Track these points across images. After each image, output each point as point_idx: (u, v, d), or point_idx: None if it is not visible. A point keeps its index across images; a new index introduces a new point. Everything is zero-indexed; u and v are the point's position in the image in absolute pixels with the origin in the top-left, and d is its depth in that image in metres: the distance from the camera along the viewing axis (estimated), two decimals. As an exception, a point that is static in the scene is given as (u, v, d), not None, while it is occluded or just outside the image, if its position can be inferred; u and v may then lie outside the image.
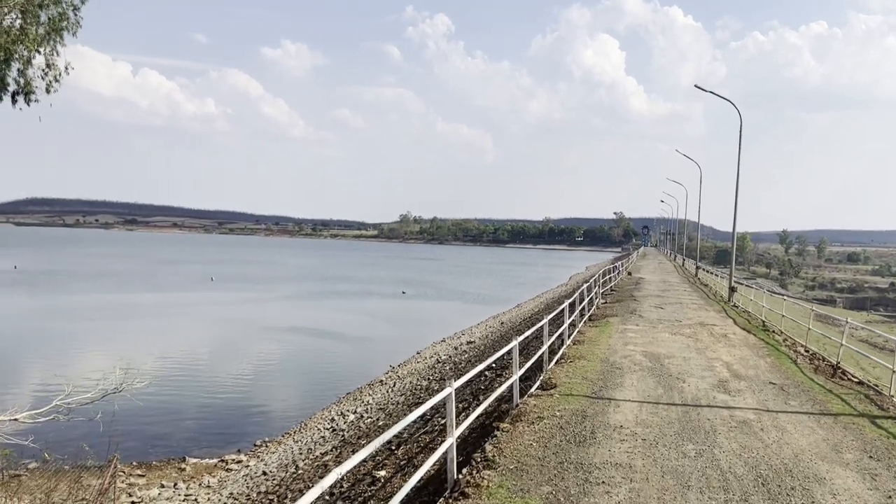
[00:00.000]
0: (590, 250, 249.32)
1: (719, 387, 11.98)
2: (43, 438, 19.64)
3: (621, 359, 14.28)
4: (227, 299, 57.12)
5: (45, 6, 13.79)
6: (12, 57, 13.93)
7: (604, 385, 11.72)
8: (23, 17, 13.83)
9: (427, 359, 30.68)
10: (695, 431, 9.18)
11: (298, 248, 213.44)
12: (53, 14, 14.12)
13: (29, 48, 13.66)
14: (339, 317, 48.88)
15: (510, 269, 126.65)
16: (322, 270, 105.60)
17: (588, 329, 18.42)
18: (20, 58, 13.72)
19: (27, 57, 14.03)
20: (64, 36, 14.71)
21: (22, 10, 13.78)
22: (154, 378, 28.17)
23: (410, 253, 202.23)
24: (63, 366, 30.07)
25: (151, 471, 17.33)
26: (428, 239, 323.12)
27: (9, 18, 13.58)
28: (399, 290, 72.96)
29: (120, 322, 43.50)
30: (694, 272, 52.59)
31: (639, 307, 24.27)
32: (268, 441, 20.39)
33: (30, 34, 13.31)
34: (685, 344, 16.61)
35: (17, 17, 13.77)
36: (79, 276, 77.46)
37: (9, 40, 13.35)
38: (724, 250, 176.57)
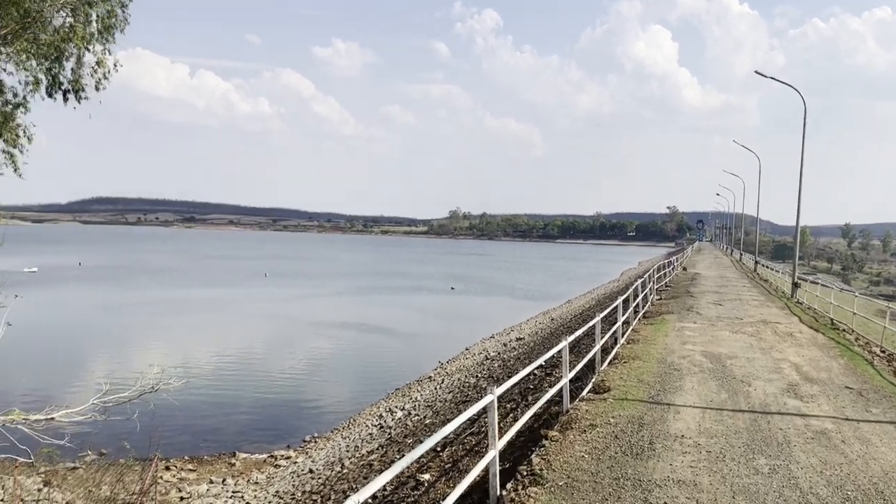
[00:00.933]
0: (642, 245, 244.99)
1: (789, 391, 11.08)
2: (99, 433, 20.09)
3: (679, 359, 13.38)
4: (280, 295, 57.85)
5: (95, 4, 13.87)
6: (63, 55, 14.07)
7: (661, 389, 10.94)
8: (73, 16, 13.96)
9: (476, 355, 30.34)
10: (766, 443, 8.30)
11: (350, 245, 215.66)
12: (102, 12, 14.21)
13: (79, 46, 13.78)
14: (389, 312, 48.95)
15: (560, 265, 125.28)
16: (372, 266, 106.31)
17: (643, 327, 17.53)
18: (70, 56, 13.85)
19: (77, 55, 14.16)
20: (114, 34, 14.82)
21: (72, 9, 13.91)
22: (207, 373, 28.68)
23: (460, 249, 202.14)
24: (117, 361, 30.79)
25: (202, 465, 17.46)
26: (477, 235, 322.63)
27: (59, 17, 13.71)
28: (448, 285, 72.78)
29: (175, 317, 44.40)
30: (752, 267, 50.85)
31: (696, 304, 23.19)
32: (317, 437, 20.37)
33: (79, 32, 13.40)
34: (748, 343, 15.64)
35: (67, 15, 13.90)
36: (138, 272, 79.67)
37: (59, 38, 13.48)
38: (783, 245, 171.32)
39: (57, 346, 33.80)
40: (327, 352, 34.24)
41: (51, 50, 13.84)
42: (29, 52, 13.45)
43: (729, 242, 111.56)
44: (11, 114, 13.82)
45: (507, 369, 18.75)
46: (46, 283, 62.19)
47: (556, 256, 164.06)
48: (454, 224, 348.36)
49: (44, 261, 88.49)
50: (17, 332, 36.47)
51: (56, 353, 32.15)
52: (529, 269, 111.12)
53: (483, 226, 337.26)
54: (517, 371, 18.39)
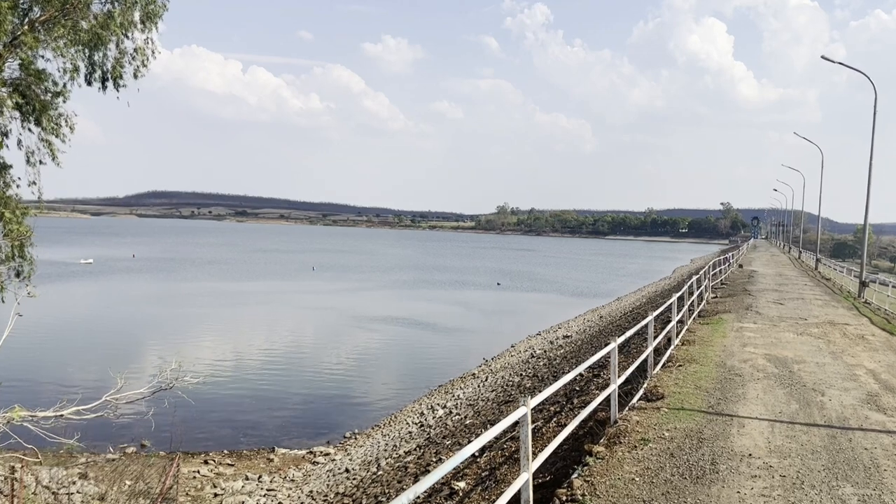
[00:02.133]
0: (695, 242, 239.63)
1: (870, 402, 9.86)
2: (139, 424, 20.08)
3: (740, 363, 12.25)
4: (327, 288, 58.00)
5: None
6: (102, 42, 13.85)
7: (722, 397, 9.83)
8: (113, 3, 13.75)
9: (521, 353, 29.63)
10: (851, 466, 7.17)
11: (398, 239, 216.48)
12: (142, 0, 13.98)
13: (117, 33, 13.56)
14: (434, 307, 48.50)
15: (610, 261, 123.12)
16: (419, 261, 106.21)
17: (698, 327, 16.46)
18: (109, 43, 13.64)
19: (116, 42, 13.96)
20: (156, 22, 14.60)
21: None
22: (250, 366, 28.63)
23: (507, 244, 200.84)
24: (161, 352, 30.99)
25: (241, 460, 17.22)
26: (525, 230, 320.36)
27: (99, 4, 13.51)
28: (494, 281, 72.02)
29: (221, 309, 44.81)
30: (813, 265, 48.74)
31: (755, 303, 21.86)
32: (357, 433, 19.98)
33: (117, 19, 13.19)
34: (815, 346, 14.44)
35: (107, 1, 13.69)
36: (189, 264, 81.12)
37: (98, 25, 13.28)
38: (843, 243, 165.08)
39: (100, 338, 34.29)
40: (371, 346, 33.95)
41: (90, 37, 13.67)
42: (68, 38, 13.31)
43: (786, 240, 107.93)
44: (52, 102, 13.71)
45: (553, 368, 17.99)
46: (100, 274, 63.70)
47: (606, 253, 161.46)
48: (502, 219, 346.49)
49: (100, 252, 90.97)
50: (62, 321, 37.33)
51: (100, 345, 32.59)
52: (578, 265, 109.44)
53: (531, 221, 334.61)
54: (563, 371, 17.62)
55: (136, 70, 13.86)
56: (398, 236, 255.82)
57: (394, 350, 33.61)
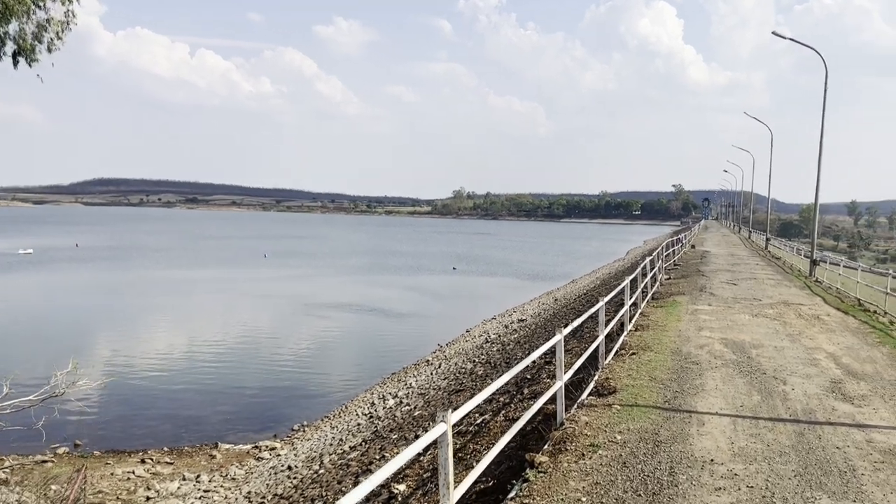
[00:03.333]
0: (648, 224, 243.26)
1: (834, 391, 9.29)
2: (71, 422, 18.96)
3: (697, 349, 11.64)
4: (279, 276, 56.70)
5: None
6: (12, 13, 12.67)
7: (679, 389, 9.13)
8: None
9: (476, 337, 29.18)
10: (824, 470, 6.43)
11: (353, 225, 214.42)
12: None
13: (27, 3, 12.40)
14: (390, 293, 47.75)
15: (565, 244, 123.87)
16: (374, 246, 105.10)
17: (652, 310, 15.91)
18: (19, 14, 12.47)
19: (27, 12, 12.78)
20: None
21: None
22: (196, 357, 27.47)
23: (463, 228, 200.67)
24: (96, 344, 29.66)
25: (182, 458, 16.32)
26: (481, 214, 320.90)
27: None
28: (450, 265, 71.55)
29: (165, 299, 43.31)
30: (763, 245, 49.46)
31: (708, 283, 21.60)
32: (306, 425, 19.23)
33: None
34: (772, 328, 13.95)
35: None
36: (136, 253, 78.54)
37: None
38: (789, 222, 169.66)
39: (31, 332, 32.65)
40: (324, 334, 33.09)
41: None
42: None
43: (736, 220, 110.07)
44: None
45: (506, 353, 17.51)
46: (39, 264, 61.08)
47: (561, 235, 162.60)
48: (458, 204, 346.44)
49: (41, 242, 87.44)
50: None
51: (30, 339, 31.00)
52: (533, 248, 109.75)
53: (487, 205, 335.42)
54: (516, 357, 17.16)
55: (49, 43, 12.72)
56: (353, 222, 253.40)
57: (347, 338, 32.82)
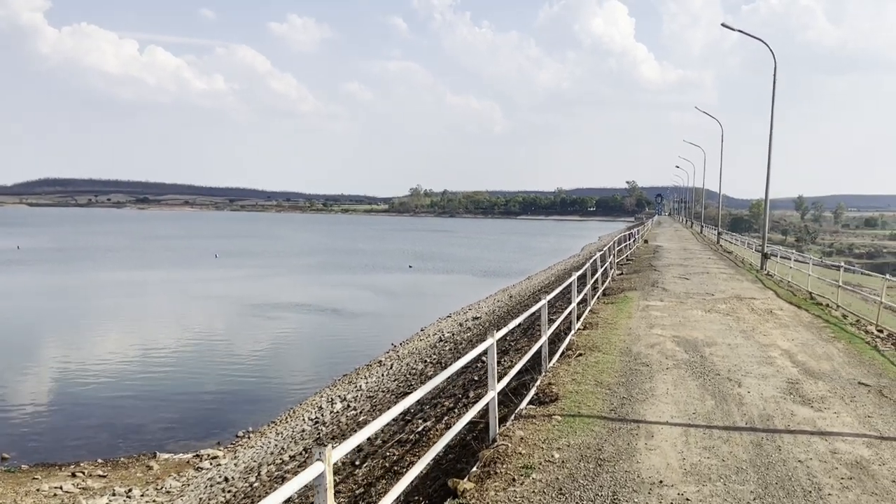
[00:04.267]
0: (603, 220, 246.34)
1: (792, 392, 8.75)
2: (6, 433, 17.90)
3: (647, 349, 11.09)
4: (229, 276, 55.33)
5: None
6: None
7: (627, 395, 8.46)
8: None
9: (430, 336, 28.72)
10: (786, 490, 5.72)
11: (308, 224, 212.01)
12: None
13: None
14: (343, 292, 46.95)
15: (522, 241, 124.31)
16: (329, 245, 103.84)
17: (602, 307, 15.39)
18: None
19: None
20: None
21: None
22: (136, 362, 26.25)
23: (420, 226, 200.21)
24: (34, 353, 28.34)
25: (116, 469, 15.44)
26: (439, 212, 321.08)
27: None
28: (406, 263, 70.96)
29: (109, 302, 41.79)
30: (715, 239, 50.13)
31: (661, 278, 21.48)
32: (251, 431, 18.48)
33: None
34: (725, 324, 13.58)
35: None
36: (80, 254, 75.94)
37: None
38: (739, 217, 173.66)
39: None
40: (274, 335, 32.20)
41: None
42: None
43: (688, 216, 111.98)
44: None
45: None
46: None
47: (518, 232, 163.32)
48: (415, 202, 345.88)
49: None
50: None
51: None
52: (490, 245, 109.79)
53: (444, 203, 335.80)
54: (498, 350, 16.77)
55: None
56: (309, 221, 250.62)
57: (298, 339, 32.01)
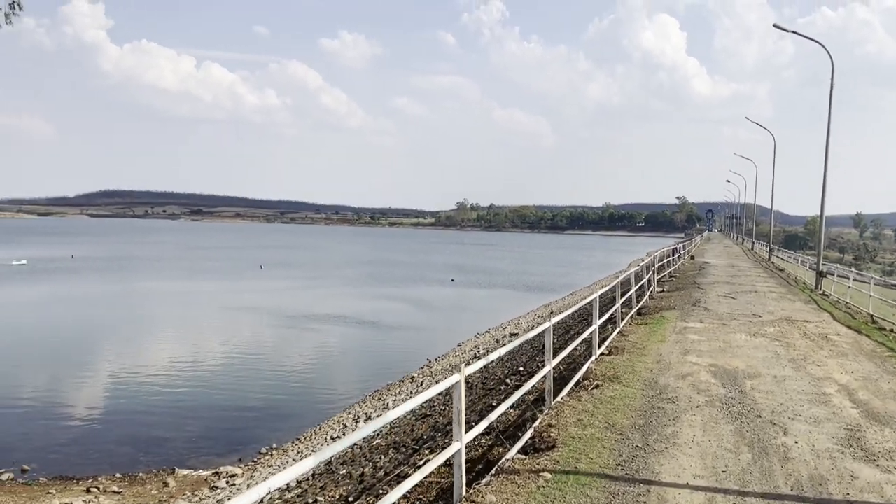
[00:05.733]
0: (651, 236, 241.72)
1: (852, 444, 6.96)
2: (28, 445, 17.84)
3: (677, 380, 9.44)
4: (271, 287, 55.61)
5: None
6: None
7: (642, 443, 6.83)
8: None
9: (466, 352, 28.02)
10: None
11: (355, 236, 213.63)
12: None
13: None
14: (383, 305, 46.61)
15: (568, 255, 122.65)
16: (374, 257, 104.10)
17: (633, 328, 14.02)
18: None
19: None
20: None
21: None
22: (169, 374, 26.08)
23: (466, 239, 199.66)
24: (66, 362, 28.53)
25: (133, 486, 15.13)
26: (485, 226, 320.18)
27: None
28: (449, 276, 70.41)
29: (149, 312, 42.36)
30: (766, 256, 48.19)
31: (704, 297, 19.98)
32: (274, 448, 18.02)
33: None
34: (772, 351, 11.75)
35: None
36: (129, 264, 77.68)
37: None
38: (794, 234, 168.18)
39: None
40: (310, 348, 31.90)
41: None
42: None
43: (739, 232, 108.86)
44: None
45: (488, 372, 16.32)
46: (29, 275, 60.19)
47: (564, 247, 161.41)
48: (462, 215, 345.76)
49: (38, 253, 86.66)
50: None
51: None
52: (536, 259, 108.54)
53: (491, 217, 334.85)
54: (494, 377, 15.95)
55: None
56: (356, 233, 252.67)
57: (334, 351, 31.66)
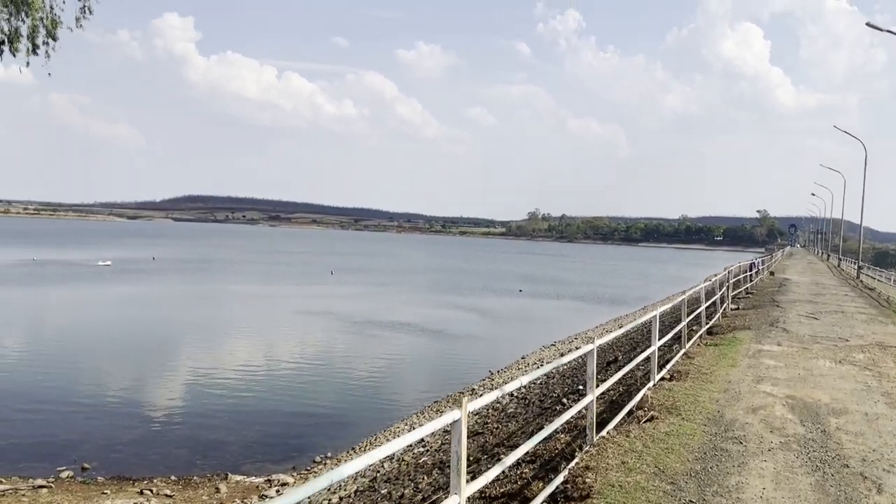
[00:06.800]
0: (730, 250, 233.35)
1: None
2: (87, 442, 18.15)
3: (747, 415, 8.02)
4: (339, 292, 56.14)
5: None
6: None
7: (698, 496, 5.74)
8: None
9: (529, 366, 27.28)
10: None
11: (426, 244, 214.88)
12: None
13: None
14: (448, 313, 46.28)
15: (641, 268, 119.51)
16: (442, 265, 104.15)
17: (701, 350, 12.47)
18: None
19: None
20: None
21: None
22: (231, 376, 26.33)
23: (537, 250, 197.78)
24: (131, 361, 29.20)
25: (186, 489, 15.14)
26: (557, 237, 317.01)
27: None
28: (517, 286, 69.55)
29: (217, 314, 43.37)
30: (854, 274, 45.34)
31: (783, 316, 18.29)
32: (329, 457, 17.80)
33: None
34: (862, 383, 10.12)
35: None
36: (205, 266, 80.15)
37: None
38: (884, 251, 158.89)
39: (61, 343, 32.75)
40: (371, 355, 31.76)
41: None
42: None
43: (825, 248, 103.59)
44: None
45: (547, 389, 15.60)
46: (111, 275, 62.74)
47: (638, 259, 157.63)
48: (533, 225, 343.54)
49: (123, 254, 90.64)
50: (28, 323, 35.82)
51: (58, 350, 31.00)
52: (608, 271, 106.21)
53: (562, 227, 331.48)
54: (552, 395, 15.16)
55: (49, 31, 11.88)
56: (427, 241, 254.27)
57: (397, 359, 31.41)
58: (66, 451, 17.33)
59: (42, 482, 14.59)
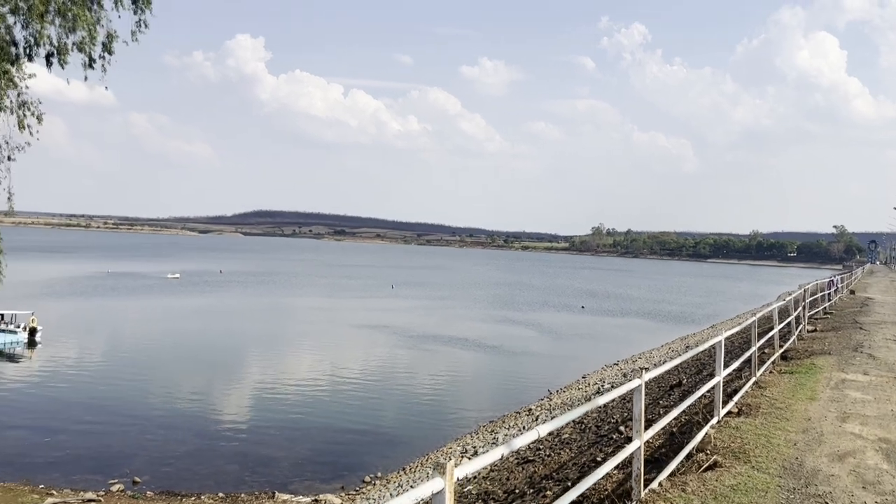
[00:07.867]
0: (804, 267, 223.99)
1: None
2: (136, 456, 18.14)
3: (832, 463, 6.63)
4: (400, 306, 56.02)
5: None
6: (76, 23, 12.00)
7: None
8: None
9: (590, 386, 26.24)
10: None
11: (488, 259, 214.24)
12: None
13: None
14: (508, 329, 45.46)
15: (710, 285, 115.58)
16: (504, 279, 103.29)
17: (774, 378, 10.78)
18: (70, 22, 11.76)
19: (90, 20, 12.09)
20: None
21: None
22: (285, 392, 26.14)
23: (601, 265, 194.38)
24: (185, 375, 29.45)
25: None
26: (622, 252, 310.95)
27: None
28: (579, 302, 68.09)
29: (278, 327, 43.79)
30: (943, 294, 42.27)
31: (867, 340, 16.26)
32: (378, 477, 17.30)
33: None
34: None
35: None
36: (270, 279, 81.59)
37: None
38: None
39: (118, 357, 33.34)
40: (427, 371, 31.28)
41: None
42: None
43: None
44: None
45: (604, 413, 14.69)
46: (179, 287, 64.42)
47: (707, 275, 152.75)
48: (597, 240, 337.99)
49: (192, 267, 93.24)
50: (83, 336, 36.58)
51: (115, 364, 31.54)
52: (674, 288, 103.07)
53: (628, 243, 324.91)
54: (611, 419, 14.20)
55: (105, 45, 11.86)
56: (488, 256, 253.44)
57: (452, 376, 30.83)
58: (121, 463, 17.39)
59: (92, 495, 14.58)
